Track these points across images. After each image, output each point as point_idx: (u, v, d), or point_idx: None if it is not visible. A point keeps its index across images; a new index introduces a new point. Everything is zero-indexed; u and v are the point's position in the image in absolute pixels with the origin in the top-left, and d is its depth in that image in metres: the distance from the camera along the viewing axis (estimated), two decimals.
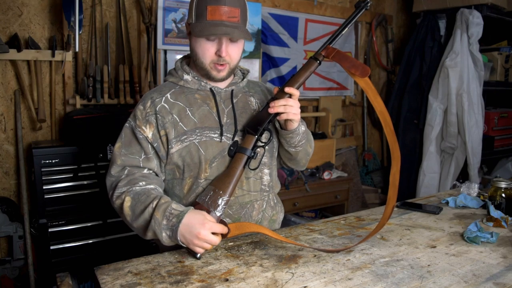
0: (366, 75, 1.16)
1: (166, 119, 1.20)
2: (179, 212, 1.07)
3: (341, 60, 1.19)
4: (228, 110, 1.26)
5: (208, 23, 1.14)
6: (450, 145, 3.35)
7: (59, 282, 1.01)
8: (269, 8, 3.14)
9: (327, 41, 1.23)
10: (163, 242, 1.09)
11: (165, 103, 1.22)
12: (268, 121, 1.19)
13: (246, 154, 1.18)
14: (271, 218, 1.34)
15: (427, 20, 3.52)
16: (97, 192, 2.18)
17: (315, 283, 0.96)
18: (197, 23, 1.16)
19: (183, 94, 1.25)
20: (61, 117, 2.46)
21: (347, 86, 3.79)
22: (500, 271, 1.03)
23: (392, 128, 1.16)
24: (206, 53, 1.19)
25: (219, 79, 1.24)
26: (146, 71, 2.65)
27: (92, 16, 2.51)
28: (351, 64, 1.17)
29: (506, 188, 1.45)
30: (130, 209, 1.14)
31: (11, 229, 2.22)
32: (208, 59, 1.19)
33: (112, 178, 1.21)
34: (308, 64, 1.22)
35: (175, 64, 1.31)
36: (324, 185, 3.08)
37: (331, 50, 1.21)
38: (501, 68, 3.55)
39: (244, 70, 1.39)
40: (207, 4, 1.14)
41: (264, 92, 1.38)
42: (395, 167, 1.15)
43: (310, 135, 1.37)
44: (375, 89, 1.17)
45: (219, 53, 1.17)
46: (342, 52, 1.20)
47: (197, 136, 1.21)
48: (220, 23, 1.13)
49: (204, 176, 1.22)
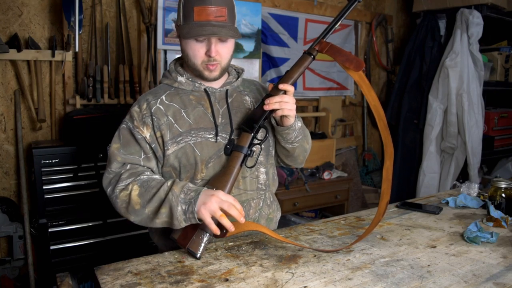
0: (360, 68, 1.15)
1: (161, 120, 1.21)
2: (197, 188, 1.10)
3: (335, 54, 1.18)
4: (223, 110, 1.26)
5: (195, 24, 1.14)
6: (450, 145, 3.35)
7: (59, 282, 1.01)
8: (269, 8, 3.14)
9: (321, 35, 1.23)
10: (175, 220, 1.07)
11: (160, 105, 1.22)
12: (263, 118, 1.19)
13: (242, 152, 1.18)
14: (268, 216, 1.34)
15: (427, 20, 3.52)
16: (97, 192, 2.18)
17: (315, 283, 0.96)
18: (185, 24, 1.16)
19: (178, 96, 1.25)
20: (61, 117, 2.46)
21: (347, 86, 3.78)
22: (500, 271, 1.03)
23: (386, 122, 1.15)
24: (196, 54, 1.19)
25: (212, 79, 1.24)
26: (146, 71, 2.65)
27: (92, 16, 2.51)
28: (345, 58, 1.17)
29: (506, 188, 1.45)
30: (139, 197, 1.12)
31: (11, 229, 2.22)
32: (199, 59, 1.20)
33: (111, 175, 1.19)
34: (302, 59, 1.22)
35: (169, 66, 1.32)
36: (324, 185, 3.08)
37: (324, 44, 1.20)
38: (501, 68, 3.55)
39: (239, 69, 1.39)
40: (193, 5, 1.14)
41: (259, 90, 1.38)
42: (388, 162, 1.15)
43: (306, 131, 1.37)
44: (369, 83, 1.17)
45: (209, 53, 1.18)
46: (335, 46, 1.19)
47: (192, 137, 1.21)
48: (207, 23, 1.14)
49: (201, 177, 1.22)
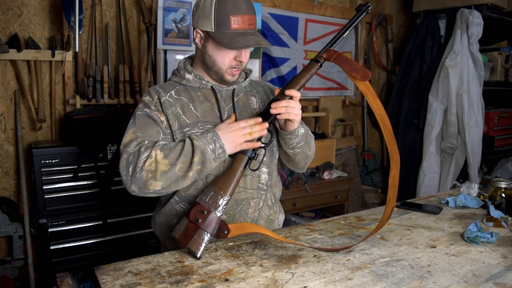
0: (366, 79, 1.16)
1: (169, 110, 1.24)
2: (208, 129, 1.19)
3: (342, 63, 1.19)
4: (229, 108, 1.29)
5: (234, 33, 1.17)
6: (450, 145, 3.35)
7: (59, 282, 1.01)
8: (269, 8, 3.14)
9: (329, 43, 1.23)
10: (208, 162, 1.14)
11: (169, 97, 1.26)
12: (269, 122, 1.21)
13: (246, 155, 1.19)
14: (268, 217, 1.34)
15: (427, 20, 3.52)
16: (97, 192, 2.18)
17: (315, 283, 0.96)
18: (220, 32, 1.17)
19: (186, 92, 1.28)
20: (61, 117, 2.46)
21: (347, 86, 3.79)
22: (500, 271, 1.03)
23: (392, 131, 1.17)
24: (226, 60, 1.22)
25: (231, 81, 1.28)
26: (146, 71, 2.65)
27: (92, 16, 2.51)
28: (352, 67, 1.18)
29: (506, 188, 1.45)
30: (165, 158, 1.12)
31: (11, 229, 2.22)
32: (227, 64, 1.23)
33: (129, 155, 1.15)
34: (309, 66, 1.23)
35: (178, 64, 1.35)
36: (324, 185, 3.08)
37: (332, 53, 1.21)
38: (501, 68, 3.55)
39: (248, 70, 1.41)
40: (229, 13, 1.16)
41: (266, 91, 1.40)
42: (394, 169, 1.17)
43: (309, 138, 1.36)
44: (374, 92, 1.18)
45: (239, 58, 1.22)
46: (343, 55, 1.21)
47: (199, 129, 1.24)
48: (244, 32, 1.18)
49: None
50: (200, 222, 1.09)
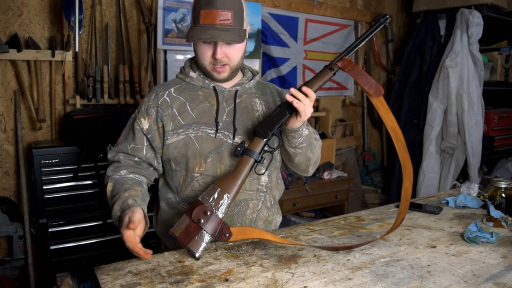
0: (379, 95, 1.17)
1: (165, 112, 1.26)
2: (128, 208, 1.16)
3: (356, 75, 1.19)
4: (229, 109, 1.28)
5: (200, 27, 1.17)
6: (450, 145, 3.35)
7: (59, 282, 1.01)
8: (269, 8, 3.14)
9: (344, 52, 1.22)
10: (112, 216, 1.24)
11: (168, 97, 1.27)
12: (278, 126, 1.19)
13: (253, 158, 1.17)
14: (266, 218, 1.34)
15: (427, 20, 3.52)
16: (97, 192, 2.18)
17: (315, 283, 0.96)
18: (192, 26, 1.20)
19: (187, 90, 1.29)
20: (61, 117, 2.46)
21: (347, 86, 3.78)
22: (500, 271, 1.03)
23: (404, 144, 1.17)
24: (204, 56, 1.23)
25: (221, 79, 1.27)
26: (146, 71, 2.65)
27: (92, 16, 2.51)
28: (365, 81, 1.18)
29: (506, 188, 1.45)
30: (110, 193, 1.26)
31: (11, 229, 2.22)
32: (207, 61, 1.23)
33: (110, 158, 1.32)
34: (322, 73, 1.21)
35: (185, 62, 1.36)
36: (324, 185, 3.08)
37: (347, 63, 1.20)
38: (501, 68, 3.55)
39: (255, 71, 1.40)
40: (200, 8, 1.17)
41: (273, 93, 1.38)
42: (407, 182, 1.18)
43: (313, 140, 1.33)
44: (387, 105, 1.18)
45: (214, 55, 1.20)
46: (358, 67, 1.20)
47: (194, 131, 1.24)
48: (211, 27, 1.16)
49: (200, 171, 1.24)
50: (203, 223, 1.08)
